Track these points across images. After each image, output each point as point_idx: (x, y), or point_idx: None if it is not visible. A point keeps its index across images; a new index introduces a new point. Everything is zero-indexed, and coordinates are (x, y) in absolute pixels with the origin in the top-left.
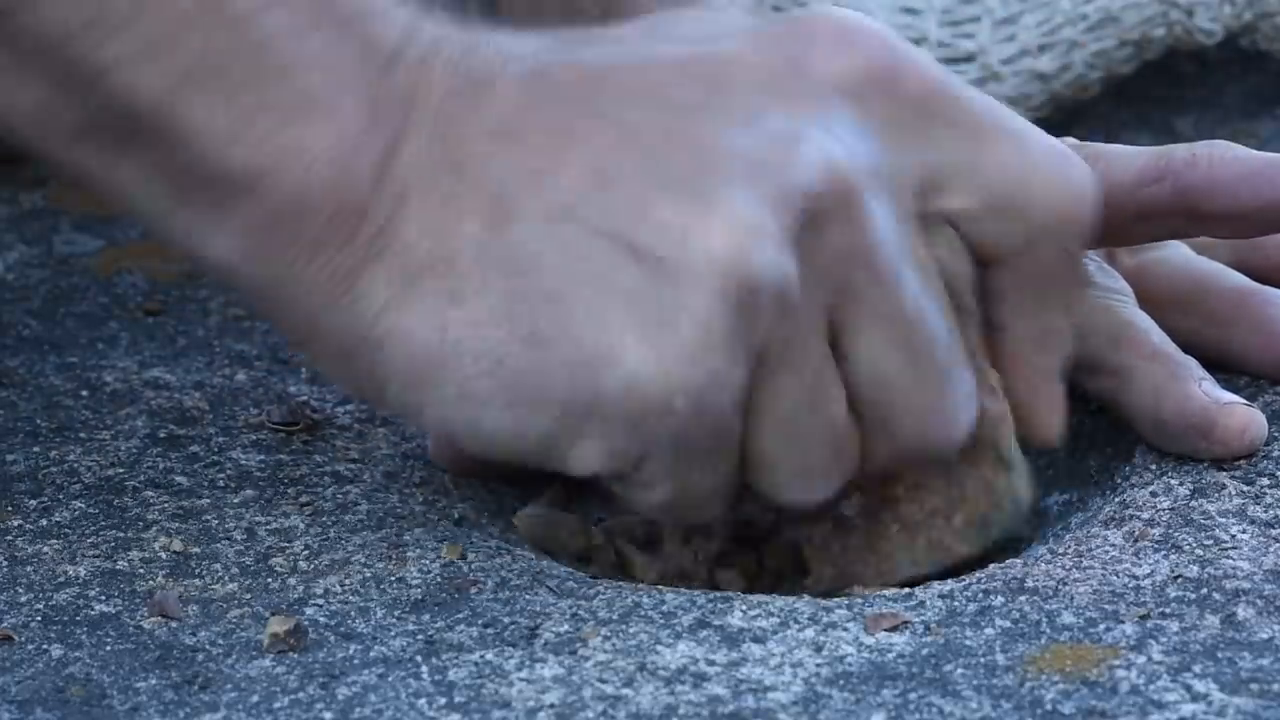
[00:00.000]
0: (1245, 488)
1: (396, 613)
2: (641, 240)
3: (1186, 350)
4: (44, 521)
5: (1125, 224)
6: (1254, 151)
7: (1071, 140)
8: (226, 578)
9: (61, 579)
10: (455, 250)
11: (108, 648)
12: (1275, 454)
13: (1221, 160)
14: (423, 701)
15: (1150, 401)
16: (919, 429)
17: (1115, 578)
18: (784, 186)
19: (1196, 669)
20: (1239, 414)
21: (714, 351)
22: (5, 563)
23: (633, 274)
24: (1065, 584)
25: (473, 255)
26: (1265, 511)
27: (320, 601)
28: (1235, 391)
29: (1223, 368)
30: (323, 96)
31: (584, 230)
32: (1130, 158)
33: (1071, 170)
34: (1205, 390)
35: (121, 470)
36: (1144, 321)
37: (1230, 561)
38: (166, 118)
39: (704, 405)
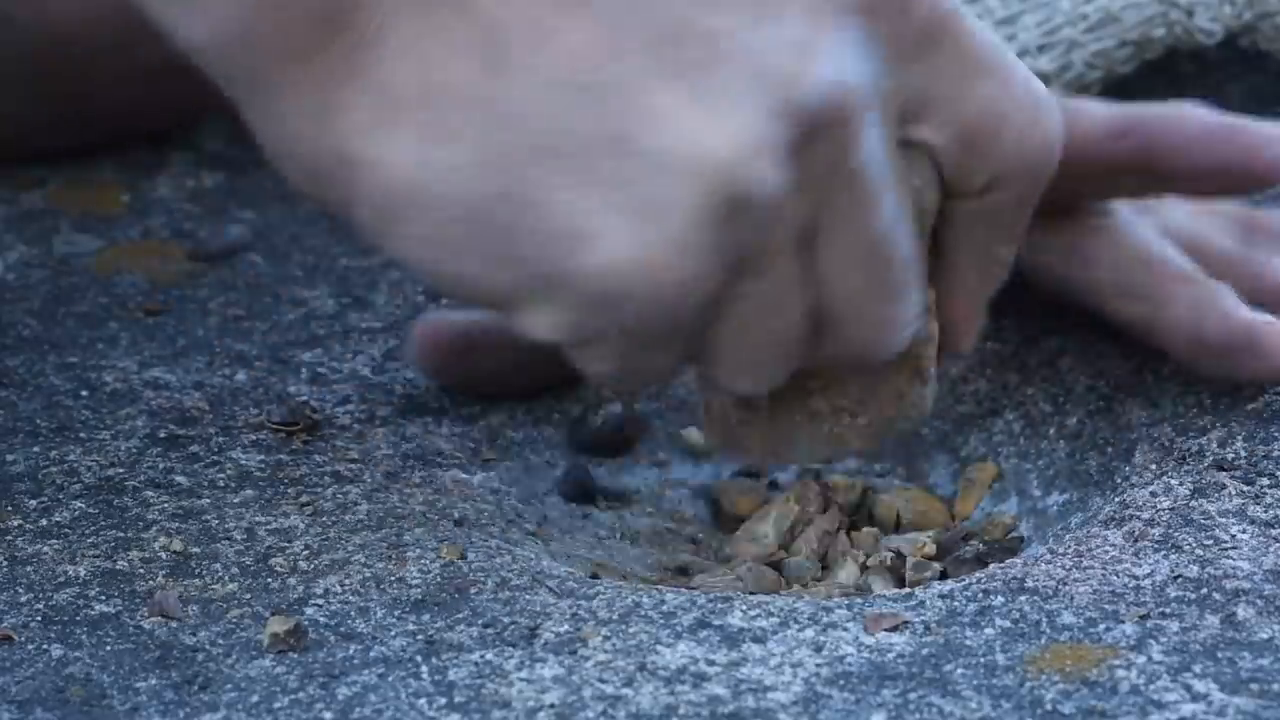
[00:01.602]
0: (1245, 488)
1: (396, 613)
2: (641, 126)
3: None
4: (44, 521)
5: (1092, 177)
6: (1216, 114)
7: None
8: (226, 578)
9: (61, 579)
10: (445, 85)
11: (108, 648)
12: (1275, 454)
13: (1183, 120)
14: (423, 701)
15: (1191, 319)
16: (864, 339)
17: (1115, 578)
18: (791, 99)
19: (1196, 669)
20: None
21: (694, 253)
22: (5, 563)
23: (626, 157)
24: (1065, 584)
25: (463, 95)
26: (1265, 511)
27: (320, 601)
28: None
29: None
30: None
31: (583, 100)
32: (1100, 113)
33: (1045, 118)
34: (1245, 311)
35: (121, 470)
36: (1168, 249)
37: (1230, 561)
38: None
39: (672, 301)
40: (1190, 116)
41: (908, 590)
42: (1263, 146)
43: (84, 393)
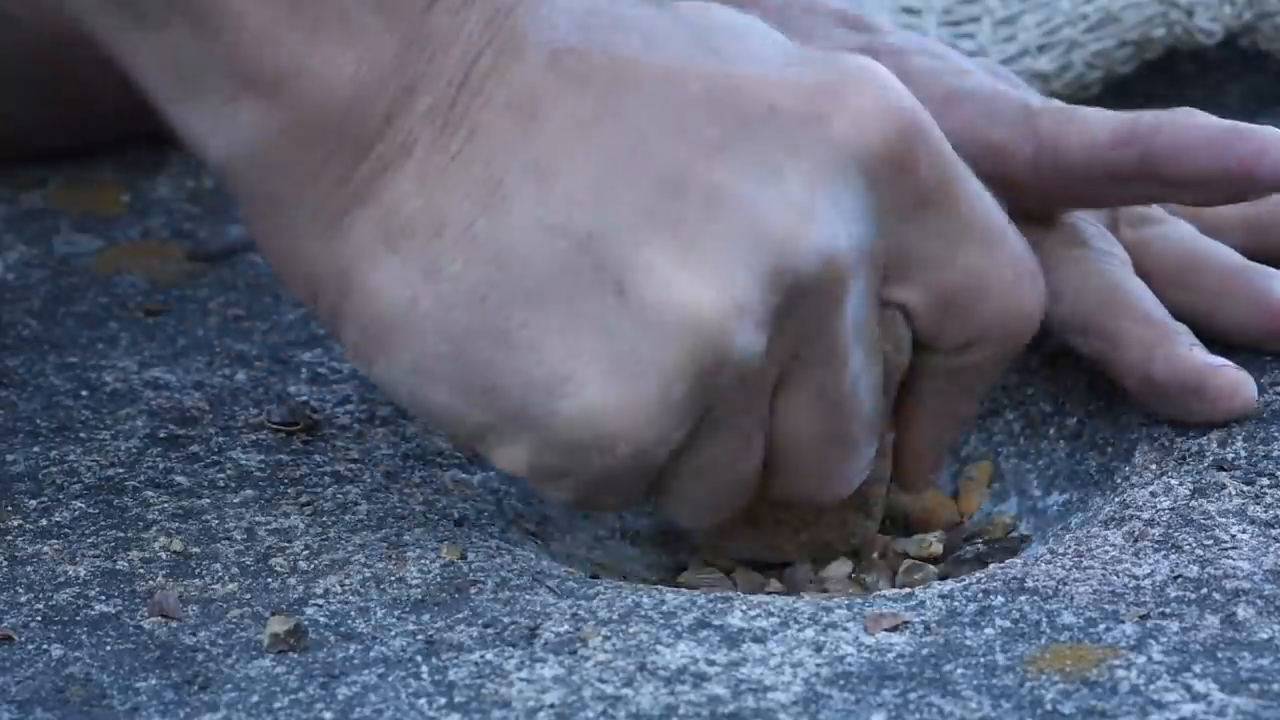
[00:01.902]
0: (1245, 488)
1: (396, 613)
2: (630, 277)
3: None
4: (44, 521)
5: (1096, 185)
6: (1218, 120)
7: (1056, 103)
8: (226, 578)
9: (61, 579)
10: (445, 220)
11: (108, 648)
12: (1275, 454)
13: (1185, 127)
14: (423, 701)
15: (1141, 360)
16: (813, 487)
17: (1115, 578)
18: (783, 264)
19: (1196, 669)
20: (1229, 375)
21: (670, 411)
22: (5, 563)
23: (613, 307)
24: (1065, 584)
25: (460, 231)
26: (1265, 511)
27: (320, 601)
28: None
29: (1215, 342)
30: (358, 18)
31: (576, 246)
32: (1103, 121)
33: (1027, 288)
34: (1196, 354)
35: (121, 470)
36: (1137, 286)
37: (1230, 561)
38: (211, 2)
39: (642, 453)
40: (1191, 124)
41: (908, 590)
42: (1264, 152)
43: (84, 393)
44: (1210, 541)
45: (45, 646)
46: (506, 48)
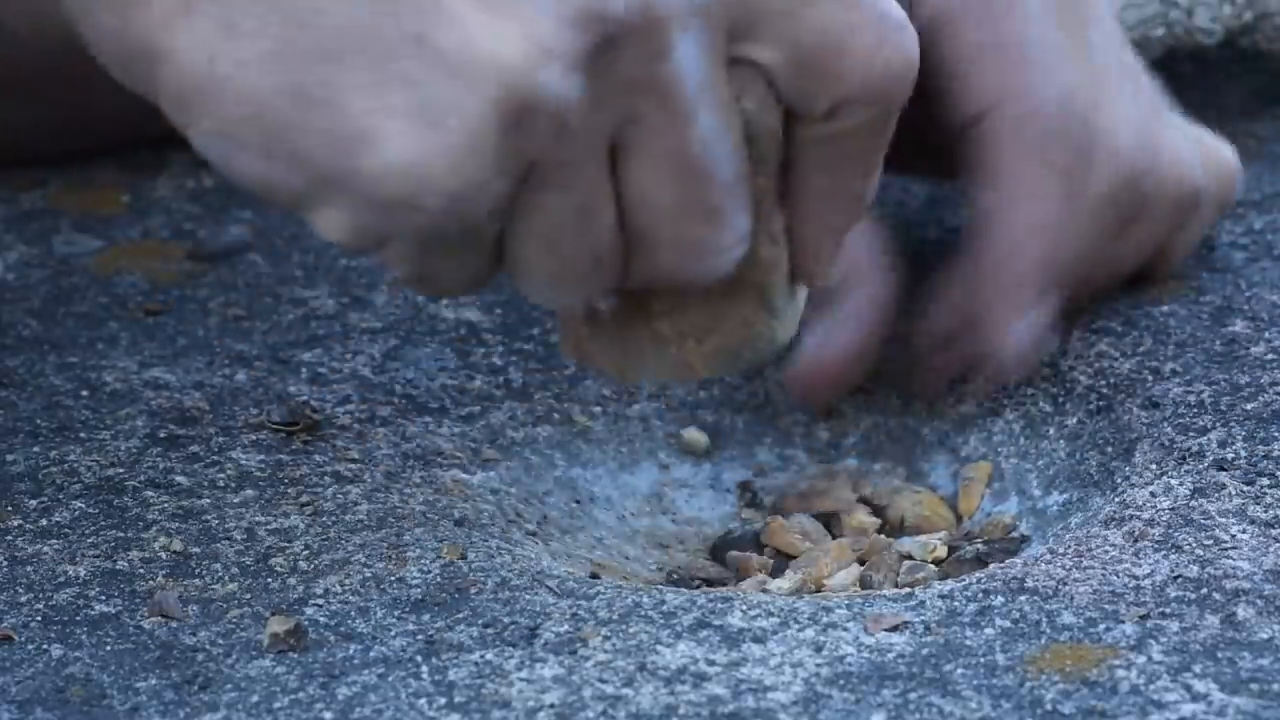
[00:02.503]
0: (1245, 488)
1: (396, 613)
2: (433, 27)
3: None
4: (44, 521)
5: None
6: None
7: None
8: (226, 578)
9: (61, 579)
10: None
11: (108, 648)
12: (1275, 454)
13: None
14: (423, 701)
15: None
16: (678, 260)
17: (1115, 578)
18: (590, 5)
19: (1196, 669)
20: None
21: (476, 160)
22: (5, 563)
23: (413, 58)
24: (1065, 584)
25: None
26: (1265, 511)
27: (320, 601)
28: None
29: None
30: None
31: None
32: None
33: (894, 38)
34: (1015, 330)
35: (121, 470)
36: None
37: (1230, 561)
38: None
39: (456, 208)
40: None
41: (908, 590)
42: None
43: (84, 393)
44: (1210, 541)
45: (45, 646)
46: None
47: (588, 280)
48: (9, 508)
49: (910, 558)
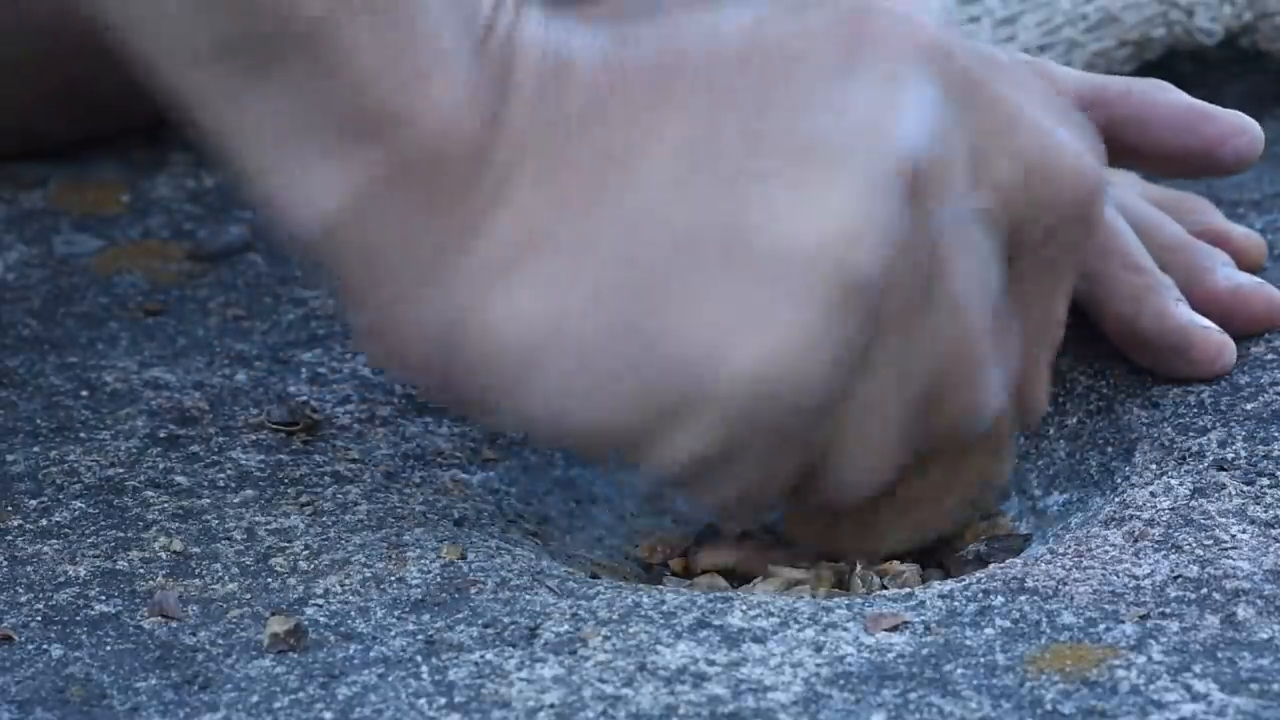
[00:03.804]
0: (1245, 488)
1: (396, 613)
2: (745, 234)
3: None
4: (44, 521)
5: None
6: (1187, 97)
7: (1024, 56)
8: (226, 578)
9: (61, 579)
10: (556, 236)
11: (108, 648)
12: (1275, 454)
13: (1153, 100)
14: (423, 701)
15: (1128, 311)
16: (962, 413)
17: (1115, 578)
18: (885, 163)
19: (1196, 669)
20: (1214, 338)
21: (824, 341)
22: (5, 563)
23: (738, 266)
24: (1065, 584)
25: (575, 243)
26: (1265, 511)
27: (320, 601)
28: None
29: None
30: (446, 48)
31: (679, 218)
32: (1070, 80)
33: (1088, 160)
34: (1183, 311)
35: (121, 470)
36: (1125, 230)
37: (1230, 561)
38: (323, 40)
39: (810, 394)
40: (1159, 98)
41: (908, 590)
42: (1228, 137)
43: (84, 393)
44: (1210, 541)
45: (45, 646)
46: (561, 64)
47: (896, 454)
48: (9, 508)
49: (884, 588)
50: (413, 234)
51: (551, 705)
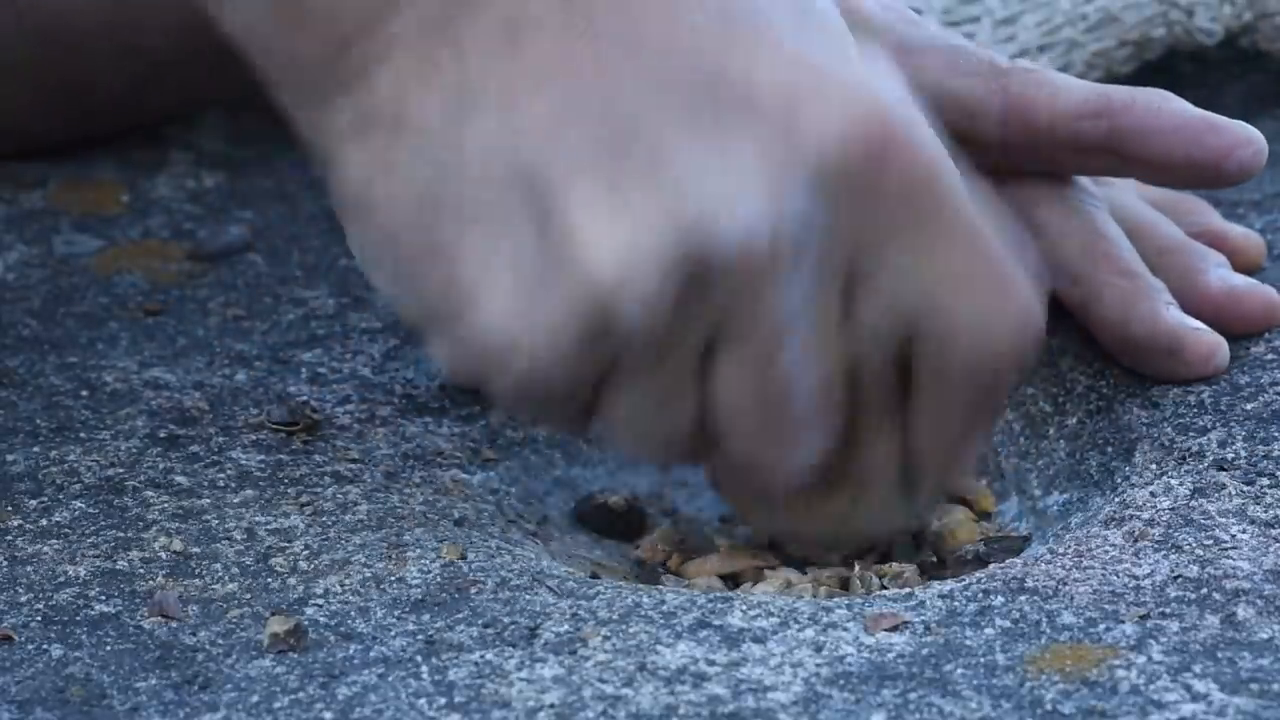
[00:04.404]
0: (1245, 488)
1: (396, 613)
2: (553, 215)
3: None
4: (44, 521)
5: (1059, 153)
6: (1190, 107)
7: (1024, 63)
8: (226, 578)
9: (61, 579)
10: (409, 120)
11: (108, 648)
12: (1275, 454)
13: (1158, 110)
14: (423, 701)
15: (1119, 317)
16: (750, 461)
17: (1115, 578)
18: (693, 245)
19: (1196, 669)
20: (1206, 339)
21: (561, 347)
22: (5, 563)
23: (531, 237)
24: (1065, 584)
25: (418, 134)
26: (1265, 511)
27: (320, 601)
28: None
29: None
30: None
31: (515, 173)
32: (1073, 90)
33: (1017, 306)
34: (1173, 313)
35: (121, 470)
36: (1116, 234)
37: (1230, 561)
38: None
39: (540, 378)
40: (1164, 108)
41: (908, 590)
42: (1233, 148)
43: (84, 393)
44: (1210, 541)
45: (45, 646)
46: None
47: (667, 451)
48: (9, 508)
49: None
50: (295, 69)
51: (551, 705)
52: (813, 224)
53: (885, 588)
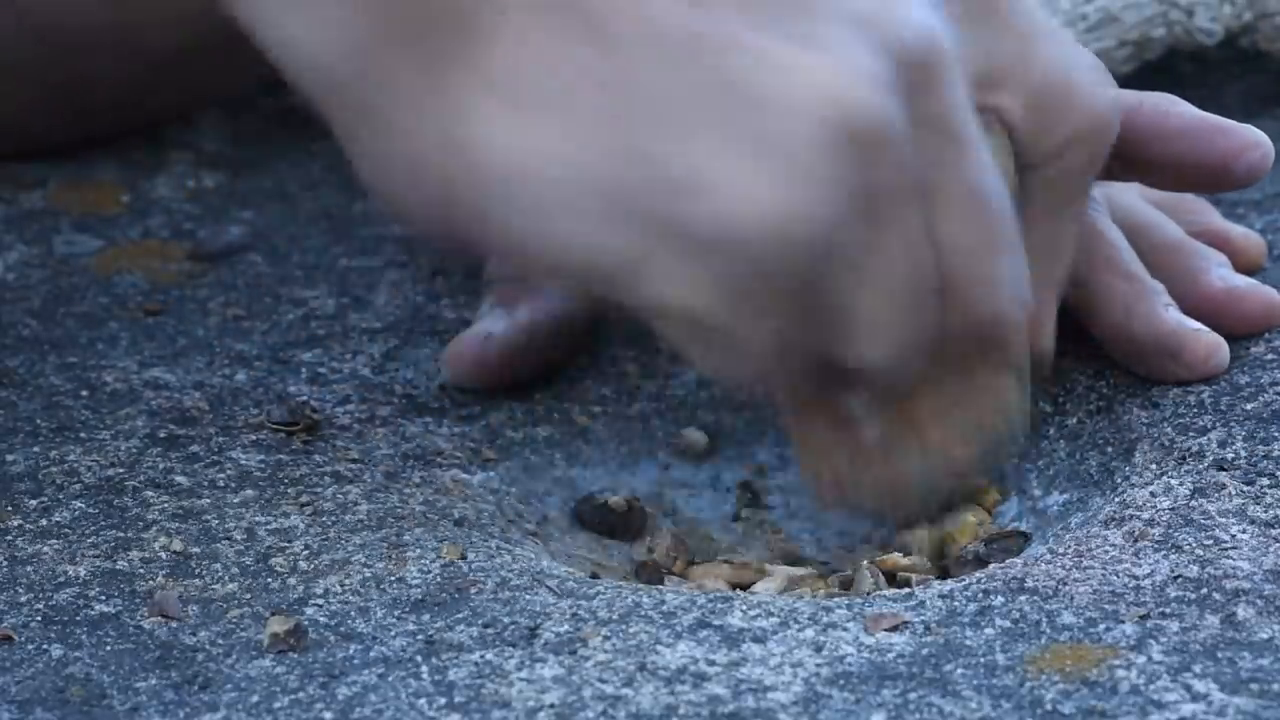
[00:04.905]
0: (1245, 488)
1: (396, 613)
2: (746, 74)
3: None
4: (44, 521)
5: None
6: (1198, 111)
7: None
8: (226, 578)
9: (61, 579)
10: (555, 64)
11: (108, 648)
12: (1275, 454)
13: (1165, 113)
14: (423, 701)
15: (1120, 319)
16: (991, 300)
17: (1115, 578)
18: (888, 38)
19: (1196, 669)
20: (1205, 340)
21: (820, 190)
22: (5, 563)
23: (736, 105)
24: (1065, 584)
25: (572, 74)
26: (1265, 511)
27: (320, 601)
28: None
29: None
30: None
31: (685, 55)
32: None
33: (1104, 82)
34: (1173, 315)
35: (121, 470)
36: (1117, 237)
37: (1230, 561)
38: None
39: (800, 244)
40: (1171, 110)
41: (908, 590)
42: (1241, 151)
43: (84, 393)
44: (1210, 541)
45: (45, 646)
46: None
47: (909, 330)
48: (9, 508)
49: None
50: (403, 64)
51: (551, 705)
52: (949, 26)
53: (895, 577)
